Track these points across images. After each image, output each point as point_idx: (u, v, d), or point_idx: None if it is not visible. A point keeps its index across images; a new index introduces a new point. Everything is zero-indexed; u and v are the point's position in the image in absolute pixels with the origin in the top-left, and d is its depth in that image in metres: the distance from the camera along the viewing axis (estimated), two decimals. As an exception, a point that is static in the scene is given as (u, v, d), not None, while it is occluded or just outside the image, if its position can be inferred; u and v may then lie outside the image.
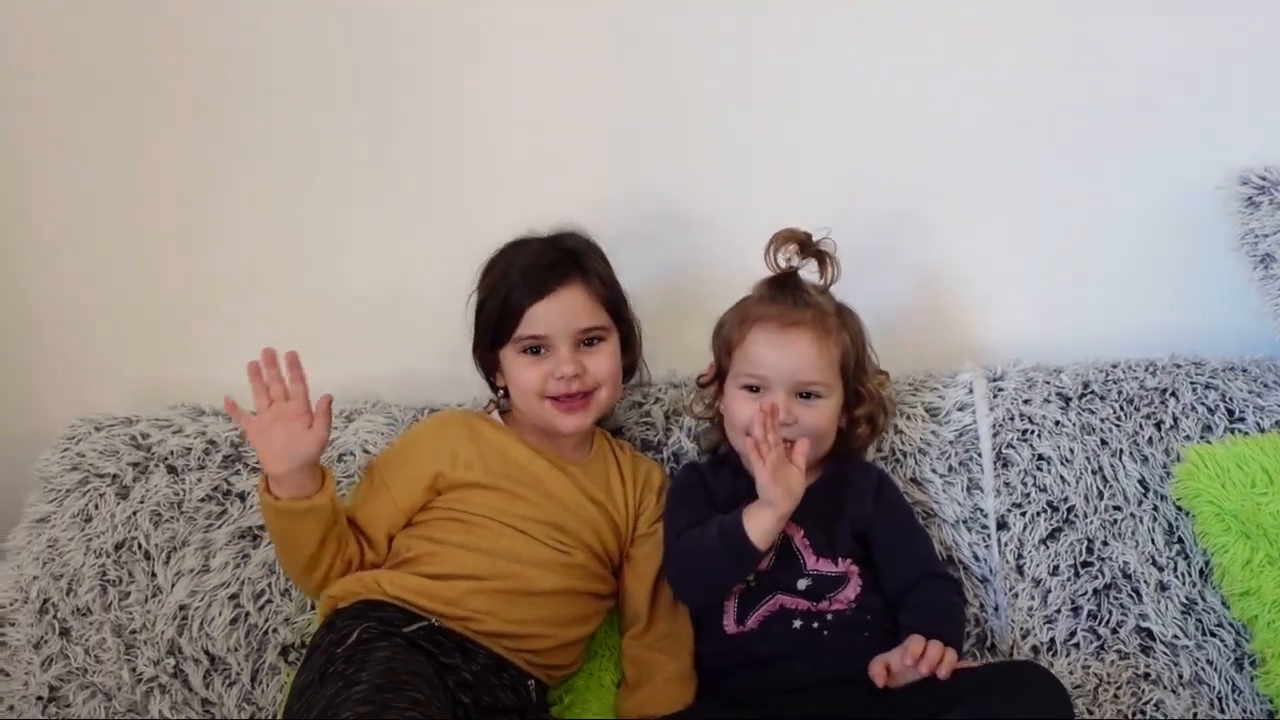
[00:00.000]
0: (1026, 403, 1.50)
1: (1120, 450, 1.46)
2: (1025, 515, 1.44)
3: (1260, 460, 1.37)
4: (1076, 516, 1.44)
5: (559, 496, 1.36)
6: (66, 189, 1.65)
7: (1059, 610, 1.40)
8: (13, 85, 1.61)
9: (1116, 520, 1.44)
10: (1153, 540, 1.42)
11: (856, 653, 1.25)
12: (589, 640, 1.38)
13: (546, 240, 1.40)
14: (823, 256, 1.37)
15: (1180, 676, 1.35)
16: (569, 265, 1.36)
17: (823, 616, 1.29)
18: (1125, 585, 1.40)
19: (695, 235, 1.62)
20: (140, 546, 1.47)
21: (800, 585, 1.31)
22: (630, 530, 1.40)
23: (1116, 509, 1.44)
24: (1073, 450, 1.46)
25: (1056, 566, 1.41)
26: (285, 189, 1.64)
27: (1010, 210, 1.62)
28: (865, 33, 1.57)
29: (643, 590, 1.36)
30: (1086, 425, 1.48)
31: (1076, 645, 1.38)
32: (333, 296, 1.66)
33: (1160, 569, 1.41)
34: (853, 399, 1.38)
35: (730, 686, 1.31)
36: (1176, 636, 1.37)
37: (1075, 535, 1.43)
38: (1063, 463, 1.46)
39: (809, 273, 1.38)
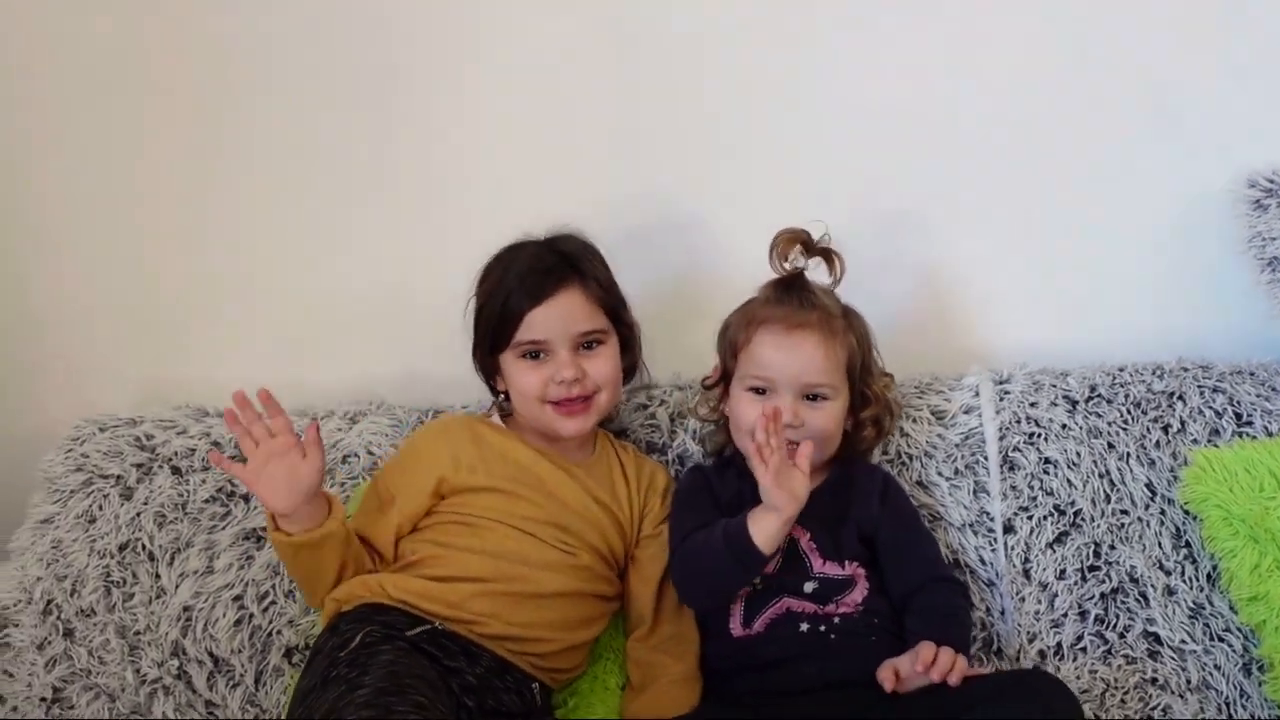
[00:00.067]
0: (1033, 406, 1.49)
1: (1127, 454, 1.46)
2: (1032, 519, 1.44)
3: (1269, 464, 1.36)
4: (1083, 520, 1.43)
5: (562, 498, 1.35)
6: (67, 189, 1.65)
7: (1066, 614, 1.39)
8: (14, 86, 1.62)
9: (1124, 524, 1.43)
10: (1160, 544, 1.42)
11: (863, 656, 1.25)
12: (594, 644, 1.37)
13: (543, 243, 1.39)
14: (828, 254, 1.37)
15: (1188, 681, 1.35)
16: (566, 269, 1.35)
17: (829, 620, 1.28)
18: (1132, 589, 1.40)
19: (698, 237, 1.62)
20: (144, 547, 1.47)
21: (807, 588, 1.30)
22: (635, 531, 1.39)
23: (1124, 513, 1.44)
24: (1079, 454, 1.46)
25: (1063, 570, 1.41)
26: (287, 189, 1.64)
27: (1015, 212, 1.62)
28: (867, 34, 1.56)
29: (647, 592, 1.36)
30: (1093, 429, 1.47)
31: (1083, 650, 1.38)
32: (335, 297, 1.66)
33: (1168, 573, 1.41)
34: (858, 401, 1.38)
35: (736, 689, 1.30)
36: (1184, 641, 1.37)
37: (1082, 539, 1.42)
38: (1069, 466, 1.45)
39: (813, 273, 1.38)
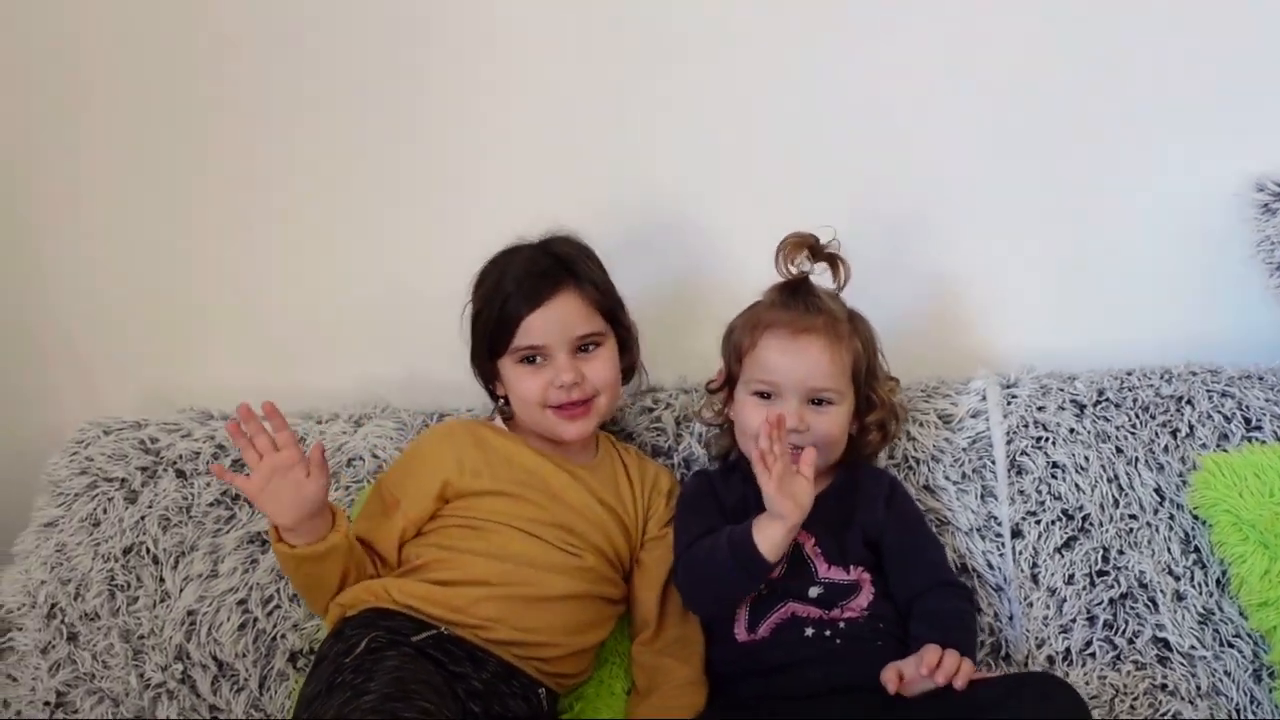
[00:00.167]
0: (1041, 410, 1.48)
1: (1136, 458, 1.45)
2: (1040, 523, 1.43)
3: (1278, 469, 1.36)
4: (1092, 525, 1.42)
5: (567, 499, 1.35)
6: (71, 191, 1.65)
7: (1074, 620, 1.38)
8: (26, 96, 1.62)
9: (1132, 529, 1.42)
10: (1169, 549, 1.41)
11: (868, 661, 1.24)
12: (600, 648, 1.37)
13: (538, 247, 1.38)
14: (834, 259, 1.36)
15: (1198, 688, 1.34)
16: (562, 273, 1.35)
17: (835, 624, 1.28)
18: (1141, 595, 1.39)
19: (703, 240, 1.61)
20: (148, 551, 1.47)
21: (812, 593, 1.30)
22: (640, 534, 1.39)
23: (1132, 517, 1.43)
24: (1088, 458, 1.45)
25: (1072, 575, 1.40)
26: (293, 193, 1.64)
27: (1022, 216, 1.61)
28: (869, 35, 1.56)
29: (652, 596, 1.36)
30: (1101, 433, 1.47)
31: (1092, 655, 1.37)
32: (339, 300, 1.66)
33: (1177, 578, 1.40)
34: (864, 405, 1.38)
35: (741, 694, 1.30)
36: (1194, 647, 1.36)
37: (1091, 544, 1.42)
38: (1078, 470, 1.45)
39: (819, 278, 1.37)
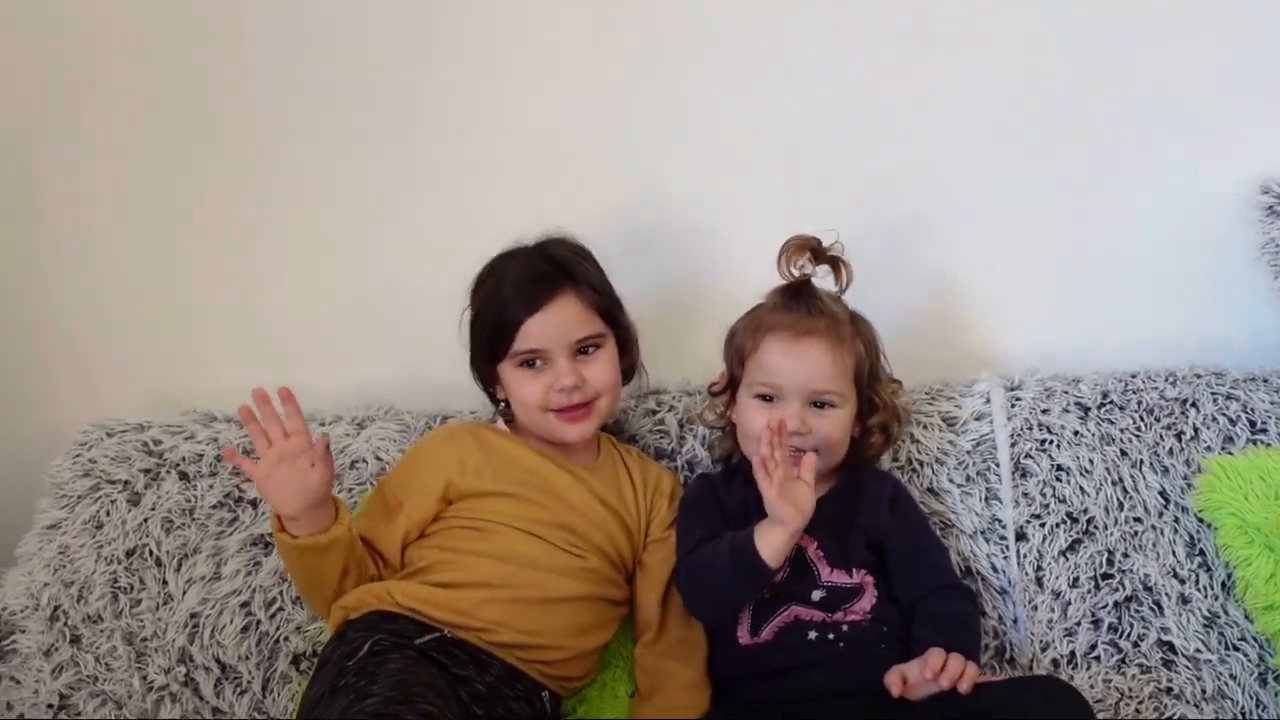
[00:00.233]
0: (1045, 412, 1.48)
1: (1140, 461, 1.45)
2: (1044, 526, 1.43)
3: (1284, 472, 1.36)
4: (1096, 528, 1.42)
5: (569, 500, 1.35)
6: (74, 193, 1.65)
7: (1079, 623, 1.38)
8: (28, 97, 1.62)
9: (1137, 532, 1.42)
10: (1174, 552, 1.41)
11: (872, 664, 1.24)
12: (603, 651, 1.36)
13: (535, 250, 1.38)
14: (835, 262, 1.36)
15: (1203, 691, 1.33)
16: (560, 276, 1.34)
17: (838, 628, 1.28)
18: (1146, 598, 1.39)
19: (703, 241, 1.61)
20: (151, 553, 1.46)
21: (815, 596, 1.29)
22: (643, 535, 1.39)
23: (1137, 520, 1.42)
24: (1092, 461, 1.45)
25: (1076, 578, 1.40)
26: (295, 194, 1.64)
27: (1025, 218, 1.61)
28: (872, 37, 1.56)
29: (654, 597, 1.35)
30: (1106, 435, 1.46)
31: (1097, 658, 1.37)
32: (344, 302, 1.66)
33: (1182, 582, 1.39)
34: (866, 408, 1.38)
35: (744, 697, 1.29)
36: (1199, 651, 1.36)
37: (1095, 547, 1.41)
38: (1082, 473, 1.44)
39: (821, 280, 1.37)
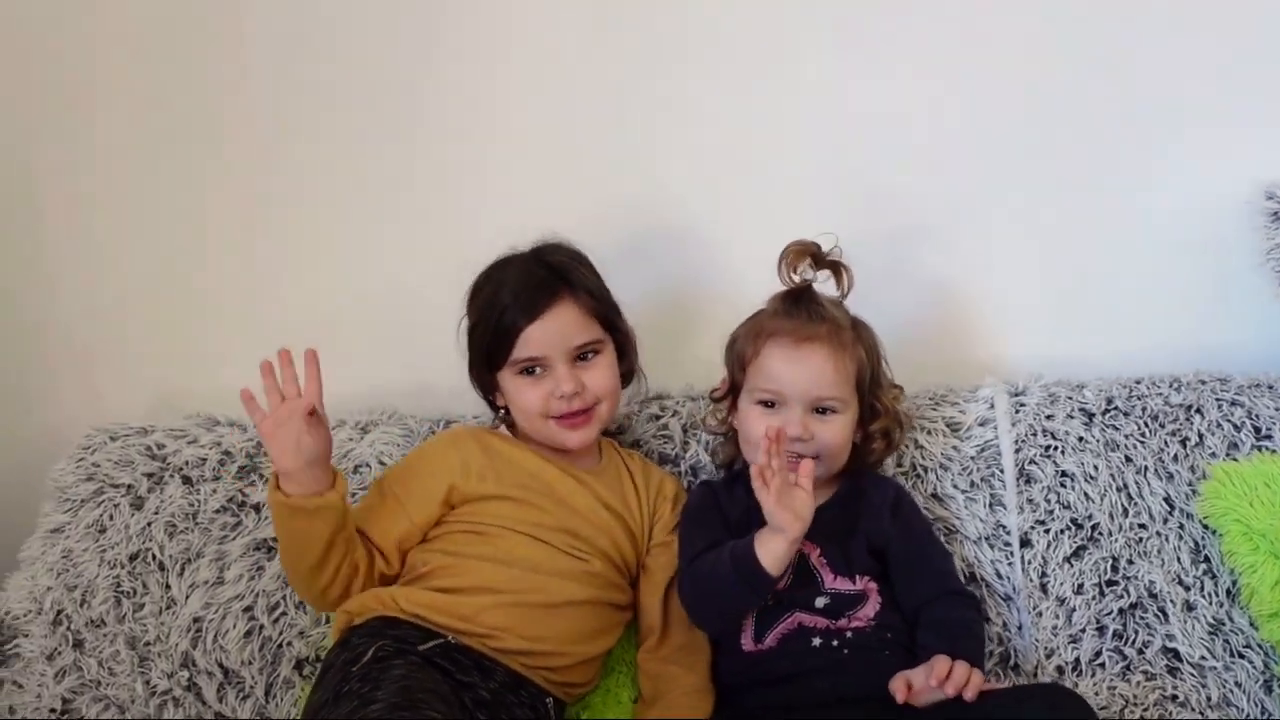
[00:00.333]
0: (1049, 418, 1.48)
1: (1145, 467, 1.45)
2: (1049, 532, 1.42)
3: (1289, 478, 1.35)
4: (1101, 534, 1.42)
5: (573, 504, 1.35)
6: (76, 195, 1.65)
7: (1084, 630, 1.38)
8: (31, 99, 1.62)
9: (1142, 538, 1.42)
10: (1179, 559, 1.40)
11: (876, 671, 1.23)
12: (607, 657, 1.36)
13: (531, 257, 1.38)
14: (837, 267, 1.36)
15: (1208, 699, 1.33)
16: (558, 283, 1.34)
17: (842, 634, 1.27)
18: (1151, 605, 1.38)
19: (703, 245, 1.61)
20: (155, 558, 1.46)
21: (818, 603, 1.29)
22: (646, 539, 1.39)
23: (1142, 527, 1.42)
24: (1097, 467, 1.45)
25: (1081, 585, 1.40)
26: (297, 197, 1.64)
27: (1028, 223, 1.61)
28: (873, 41, 1.56)
29: (657, 602, 1.35)
30: (1110, 441, 1.46)
31: (1102, 665, 1.36)
32: (348, 307, 1.66)
33: (1187, 588, 1.39)
34: (868, 414, 1.37)
35: (748, 704, 1.29)
36: (1204, 658, 1.35)
37: (1100, 553, 1.41)
38: (1087, 479, 1.44)
39: (822, 285, 1.37)
